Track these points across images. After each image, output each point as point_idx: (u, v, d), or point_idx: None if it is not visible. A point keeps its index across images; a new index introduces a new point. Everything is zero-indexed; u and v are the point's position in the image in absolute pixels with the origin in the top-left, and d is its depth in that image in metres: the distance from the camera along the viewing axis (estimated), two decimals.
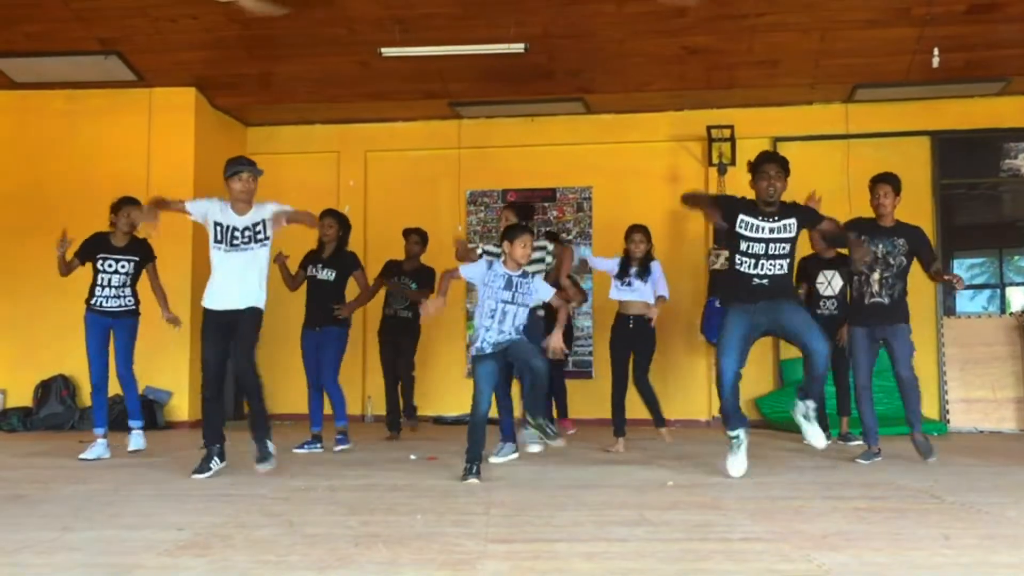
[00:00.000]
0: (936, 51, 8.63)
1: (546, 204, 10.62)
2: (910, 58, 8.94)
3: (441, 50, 8.67)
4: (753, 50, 9.08)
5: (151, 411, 9.24)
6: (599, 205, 10.53)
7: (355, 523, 4.32)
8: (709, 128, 10.00)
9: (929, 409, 9.66)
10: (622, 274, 7.31)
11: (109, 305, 7.03)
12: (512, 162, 10.61)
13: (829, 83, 9.66)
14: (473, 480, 5.58)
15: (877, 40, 8.85)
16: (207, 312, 5.95)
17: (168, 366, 9.51)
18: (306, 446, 7.39)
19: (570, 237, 10.53)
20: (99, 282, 7.04)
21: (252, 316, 5.97)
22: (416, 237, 8.46)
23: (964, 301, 10.26)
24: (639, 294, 7.30)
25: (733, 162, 9.91)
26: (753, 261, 5.79)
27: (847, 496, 5.11)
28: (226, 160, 6.06)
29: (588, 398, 9.99)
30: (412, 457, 6.91)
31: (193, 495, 5.23)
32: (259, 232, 5.99)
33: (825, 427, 7.54)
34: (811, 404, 5.92)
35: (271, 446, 6.00)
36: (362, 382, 10.31)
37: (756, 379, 10.02)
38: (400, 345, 8.40)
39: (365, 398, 10.52)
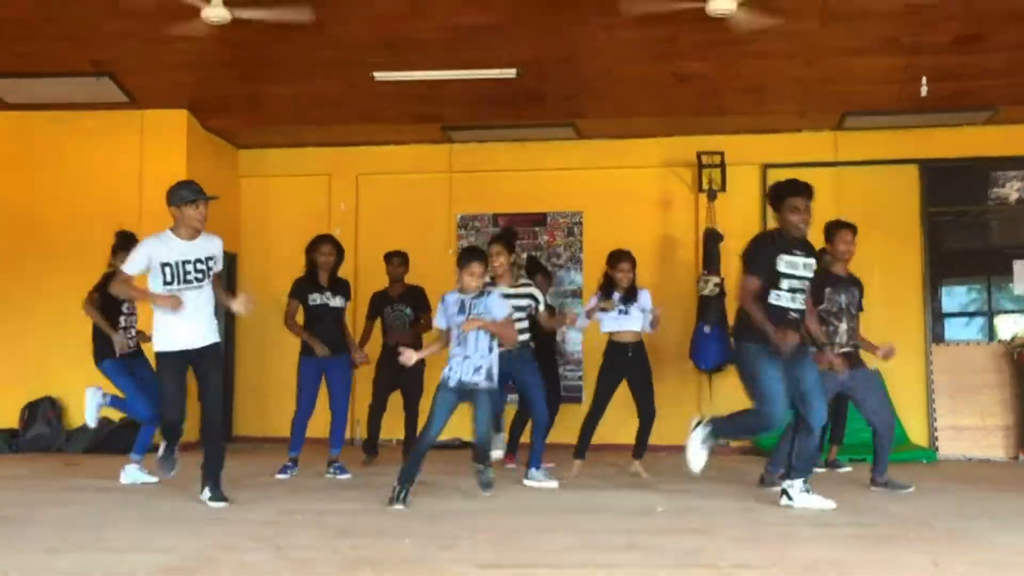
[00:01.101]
0: (924, 80, 8.70)
1: (537, 229, 10.64)
2: (899, 87, 9.00)
3: (433, 75, 8.70)
4: (742, 76, 9.14)
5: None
6: (590, 230, 10.54)
7: (343, 547, 4.30)
8: (699, 154, 10.03)
9: (918, 436, 9.67)
10: (610, 298, 7.18)
11: (132, 349, 6.98)
12: (503, 186, 10.62)
13: (818, 110, 9.72)
14: (399, 507, 5.51)
15: (866, 68, 8.92)
16: (167, 355, 5.66)
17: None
18: (288, 471, 7.27)
19: (560, 262, 10.54)
20: (120, 325, 6.95)
21: (218, 354, 5.84)
22: (398, 260, 8.38)
23: (953, 328, 10.29)
24: (632, 322, 7.22)
25: (723, 188, 9.94)
26: (792, 296, 5.60)
27: (836, 523, 5.11)
28: (177, 183, 5.83)
29: (576, 423, 9.95)
30: None
31: (180, 518, 5.19)
32: (211, 266, 5.76)
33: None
34: (800, 484, 5.68)
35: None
36: (353, 404, 10.23)
37: (744, 403, 10.00)
38: (403, 374, 8.22)
39: (354, 421, 10.47)
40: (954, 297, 10.55)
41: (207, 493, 5.66)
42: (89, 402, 6.83)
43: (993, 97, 9.30)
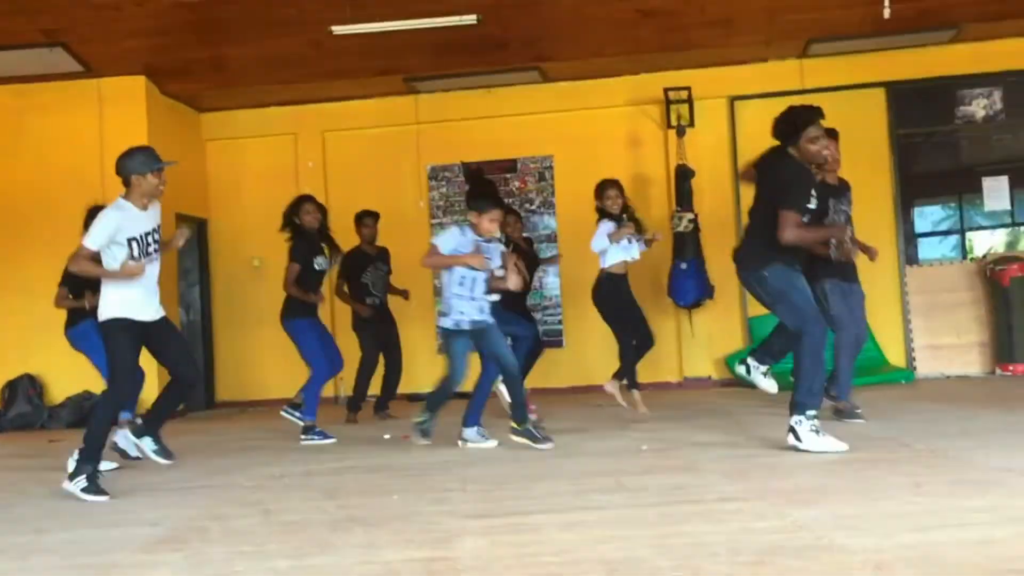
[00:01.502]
0: (887, 2, 8.63)
1: (507, 175, 10.58)
2: (862, 10, 8.94)
3: (392, 25, 8.56)
4: (706, 10, 9.06)
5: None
6: (561, 173, 10.50)
7: (332, 507, 4.31)
8: (666, 90, 9.97)
9: (895, 357, 9.79)
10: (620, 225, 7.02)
11: None
12: (471, 134, 10.54)
13: (783, 39, 9.66)
14: (423, 441, 5.85)
15: None
16: (129, 322, 5.21)
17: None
18: (317, 436, 7.01)
19: (533, 207, 10.50)
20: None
21: (171, 323, 5.61)
22: (371, 220, 8.26)
23: (927, 248, 10.37)
24: (635, 251, 7.14)
25: (691, 123, 9.90)
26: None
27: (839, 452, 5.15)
28: (131, 149, 5.39)
29: (559, 367, 10.02)
30: (386, 437, 6.91)
31: (166, 489, 5.20)
32: (158, 238, 5.46)
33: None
34: (763, 367, 5.69)
35: None
36: None
37: (725, 337, 10.10)
38: (388, 334, 8.24)
39: (337, 379, 10.48)
40: (926, 217, 10.61)
41: (152, 446, 5.44)
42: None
43: (956, 16, 9.26)
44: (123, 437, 6.51)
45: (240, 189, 10.76)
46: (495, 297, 6.00)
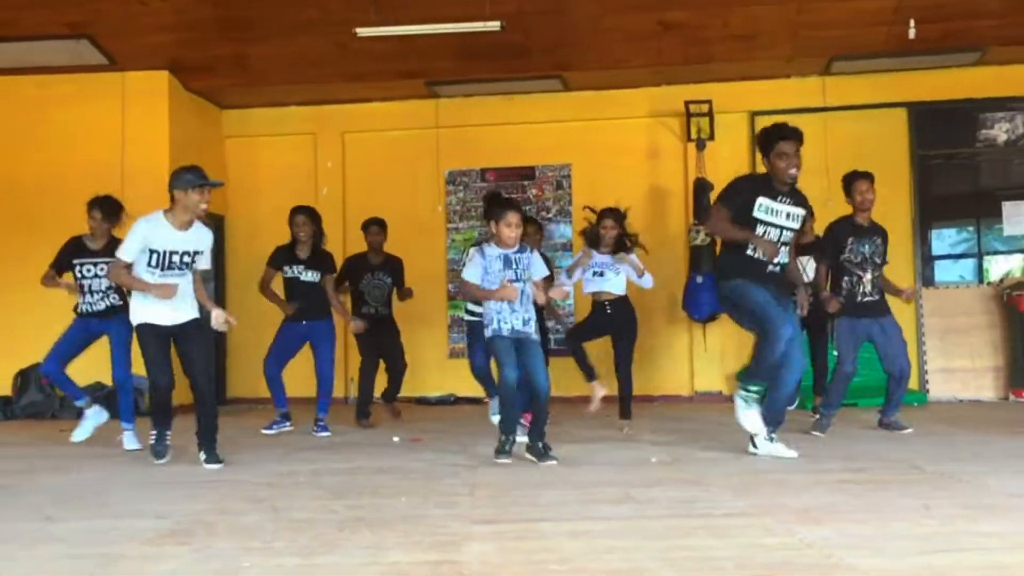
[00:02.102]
0: (912, 22, 8.63)
1: (525, 182, 10.59)
2: (886, 29, 8.93)
3: (417, 29, 8.59)
4: (729, 24, 9.06)
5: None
6: (578, 182, 10.50)
7: (340, 507, 4.31)
8: (687, 103, 9.97)
9: (909, 379, 9.72)
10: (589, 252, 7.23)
11: (96, 309, 6.75)
12: (490, 141, 10.56)
13: (806, 56, 9.64)
14: (504, 460, 5.52)
15: (853, 12, 8.84)
16: (145, 325, 5.69)
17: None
18: (275, 426, 7.48)
19: (549, 215, 10.51)
20: (82, 289, 6.74)
21: (200, 328, 5.87)
22: (376, 227, 8.21)
23: (944, 271, 10.32)
24: (609, 284, 7.22)
25: (712, 136, 9.91)
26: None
27: (829, 469, 5.15)
28: (182, 167, 5.71)
29: (573, 377, 9.98)
30: (395, 439, 6.91)
31: (176, 482, 5.21)
32: (196, 259, 5.77)
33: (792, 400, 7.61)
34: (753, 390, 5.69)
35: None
36: (345, 364, 10.25)
37: (737, 352, 10.06)
38: (384, 342, 8.15)
39: (348, 380, 10.50)
40: (944, 240, 10.56)
41: (202, 456, 5.71)
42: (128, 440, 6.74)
43: (981, 38, 9.23)
44: (128, 438, 6.73)
45: (258, 187, 10.79)
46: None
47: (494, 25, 8.38)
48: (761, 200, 5.41)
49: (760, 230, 5.42)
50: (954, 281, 10.22)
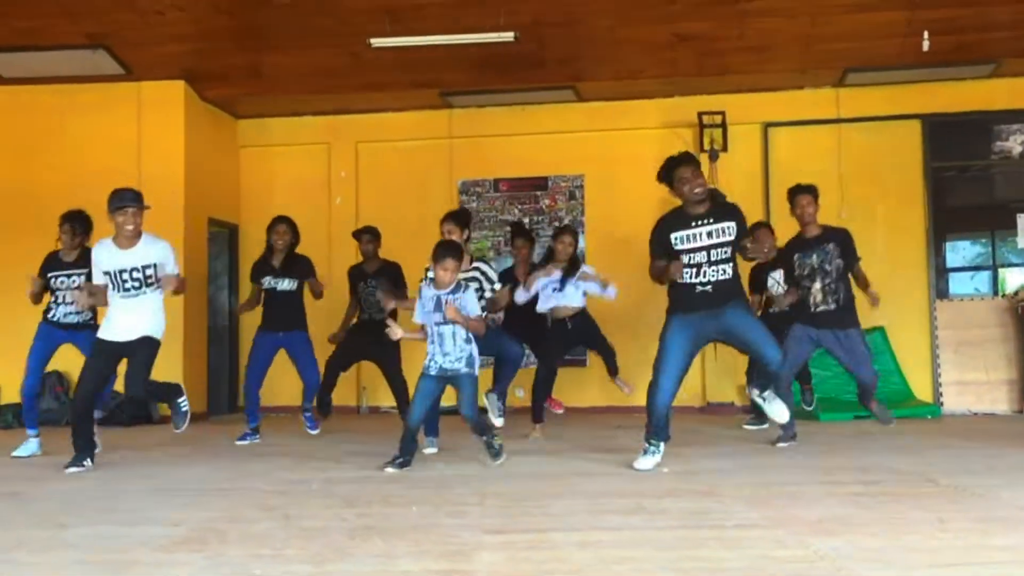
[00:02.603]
0: (926, 34, 8.62)
1: (538, 193, 10.61)
2: (901, 41, 8.92)
3: (431, 40, 8.63)
4: (744, 36, 9.06)
5: (145, 405, 9.24)
6: (591, 193, 10.51)
7: (351, 516, 4.32)
8: (700, 114, 9.98)
9: (922, 391, 9.69)
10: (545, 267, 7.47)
11: (68, 319, 7.03)
12: (504, 151, 10.58)
13: (820, 68, 9.64)
14: (390, 470, 5.70)
15: (867, 24, 8.84)
16: (101, 342, 6.09)
17: (162, 362, 9.46)
18: (247, 438, 7.59)
19: (562, 224, 10.49)
20: (56, 299, 7.07)
21: (148, 344, 6.13)
22: (368, 236, 8.17)
23: (958, 284, 10.27)
24: (568, 298, 7.38)
25: (725, 148, 9.90)
26: (695, 270, 5.58)
27: (842, 481, 5.13)
28: (112, 192, 6.07)
29: (583, 387, 10.01)
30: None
31: (187, 490, 5.23)
32: (148, 275, 6.04)
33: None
34: (769, 393, 5.95)
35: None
36: (357, 373, 10.27)
37: (741, 365, 10.03)
38: (376, 350, 7.92)
39: (360, 388, 10.51)
40: (958, 252, 10.51)
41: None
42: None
43: (996, 50, 9.22)
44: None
45: (272, 196, 10.83)
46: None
47: (508, 36, 8.42)
48: (675, 235, 5.62)
49: (685, 258, 5.59)
50: (968, 294, 10.17)
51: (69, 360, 9.32)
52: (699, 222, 5.60)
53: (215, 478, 5.60)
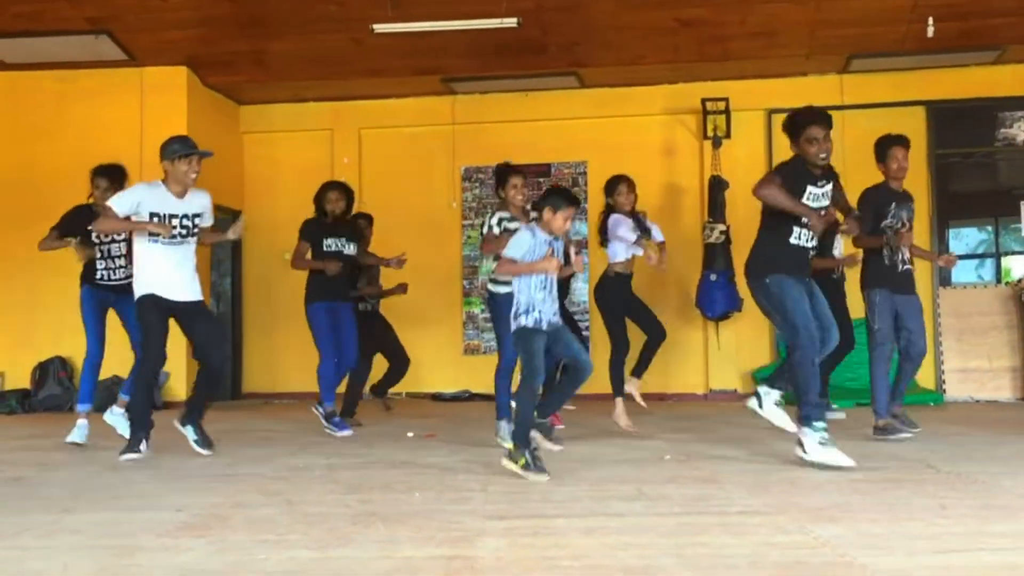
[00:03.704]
0: (931, 20, 8.59)
1: (541, 179, 10.58)
2: (905, 28, 8.90)
3: (434, 25, 8.61)
4: (747, 21, 9.04)
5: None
6: (594, 180, 10.49)
7: (354, 501, 4.33)
8: (704, 101, 9.96)
9: (925, 379, 9.69)
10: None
11: (115, 278, 6.56)
12: (507, 137, 10.56)
13: (824, 54, 9.62)
14: (542, 476, 4.88)
15: (872, 10, 8.81)
16: (147, 297, 5.67)
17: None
18: (343, 427, 7.04)
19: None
20: (103, 257, 6.57)
21: (204, 308, 5.89)
22: (364, 223, 8.09)
23: (961, 271, 10.28)
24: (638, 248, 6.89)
25: (728, 134, 9.89)
26: (810, 234, 5.34)
27: (843, 468, 5.13)
28: (171, 138, 5.81)
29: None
30: (409, 435, 6.93)
31: (191, 475, 5.25)
32: (197, 223, 5.83)
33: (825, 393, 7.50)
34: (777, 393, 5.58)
35: None
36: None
37: (751, 350, 10.06)
38: (382, 337, 8.06)
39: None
40: (962, 239, 10.51)
41: (194, 437, 5.86)
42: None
43: (1000, 36, 9.19)
44: (111, 414, 6.59)
45: (275, 182, 10.84)
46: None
47: (511, 22, 8.40)
48: (810, 189, 5.31)
49: (805, 219, 5.27)
50: (971, 281, 10.16)
51: (74, 345, 9.41)
52: (820, 182, 5.35)
53: (218, 464, 5.62)
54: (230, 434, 7.16)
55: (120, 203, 5.69)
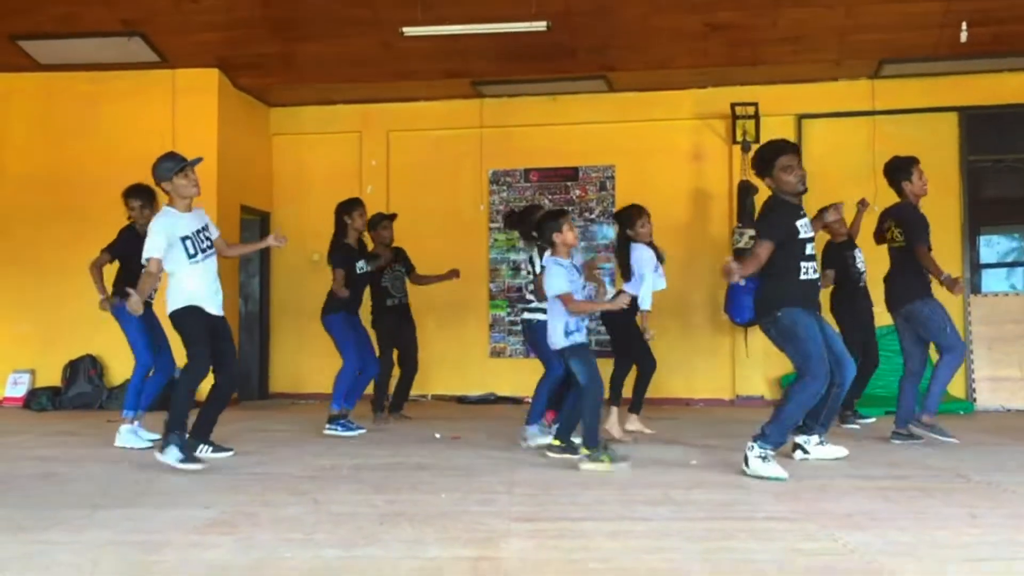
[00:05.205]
0: (964, 25, 8.50)
1: (568, 183, 10.59)
2: (937, 32, 8.82)
3: (463, 29, 8.62)
4: (777, 26, 8.99)
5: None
6: (622, 184, 10.47)
7: (380, 501, 4.35)
8: (733, 105, 9.91)
9: (955, 387, 9.58)
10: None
11: (149, 297, 6.55)
12: (534, 141, 10.57)
13: (855, 59, 9.54)
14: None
15: (903, 15, 8.74)
16: (190, 309, 5.63)
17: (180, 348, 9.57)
18: (352, 428, 7.18)
19: (592, 216, 10.50)
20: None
21: (228, 326, 5.96)
22: (387, 222, 8.18)
23: (992, 279, 10.16)
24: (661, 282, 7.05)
25: (757, 139, 9.80)
26: (815, 265, 5.31)
27: (872, 475, 5.10)
28: (158, 158, 5.77)
29: (607, 378, 9.97)
30: (436, 436, 6.94)
31: (219, 473, 5.28)
32: (209, 236, 5.80)
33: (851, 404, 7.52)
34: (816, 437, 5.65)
35: None
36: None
37: (779, 356, 9.96)
38: (405, 332, 8.17)
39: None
40: (992, 247, 10.39)
41: (208, 448, 5.78)
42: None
43: None
44: (125, 432, 6.49)
45: (304, 184, 10.89)
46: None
47: (540, 25, 8.40)
48: (799, 223, 5.26)
49: (809, 248, 5.28)
50: (1003, 289, 10.06)
51: (105, 344, 9.51)
52: (802, 212, 5.32)
53: (246, 463, 5.65)
54: (257, 433, 7.21)
55: (153, 247, 5.57)
